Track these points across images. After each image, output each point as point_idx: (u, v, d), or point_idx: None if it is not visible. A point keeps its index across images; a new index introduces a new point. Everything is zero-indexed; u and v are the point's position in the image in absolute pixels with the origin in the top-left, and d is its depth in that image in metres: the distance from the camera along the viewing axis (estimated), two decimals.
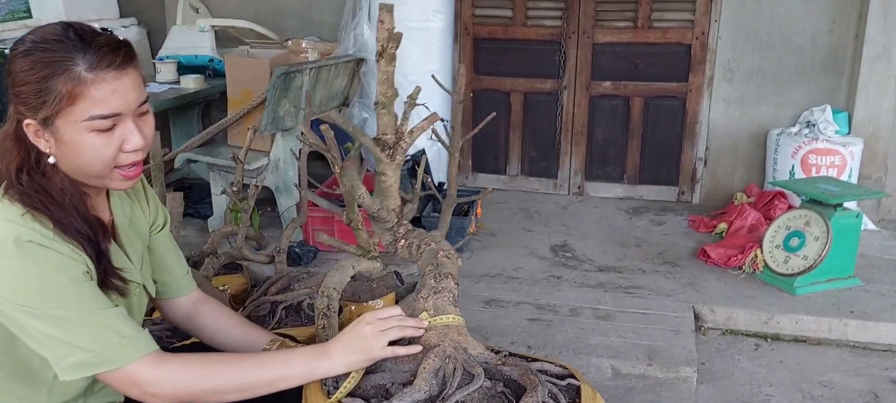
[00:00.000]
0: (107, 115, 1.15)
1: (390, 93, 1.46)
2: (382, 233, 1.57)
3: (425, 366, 1.26)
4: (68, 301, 1.14)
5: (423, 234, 1.53)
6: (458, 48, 4.41)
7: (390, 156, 1.48)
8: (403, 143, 1.50)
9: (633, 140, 4.39)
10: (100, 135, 1.15)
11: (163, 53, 4.40)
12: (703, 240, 3.65)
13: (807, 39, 4.01)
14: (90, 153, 1.16)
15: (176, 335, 2.35)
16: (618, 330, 2.76)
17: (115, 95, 1.14)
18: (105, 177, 1.21)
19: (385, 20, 1.39)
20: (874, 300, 3.01)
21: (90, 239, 1.20)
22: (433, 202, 3.62)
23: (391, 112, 1.49)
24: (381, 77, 1.44)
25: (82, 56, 1.12)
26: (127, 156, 1.20)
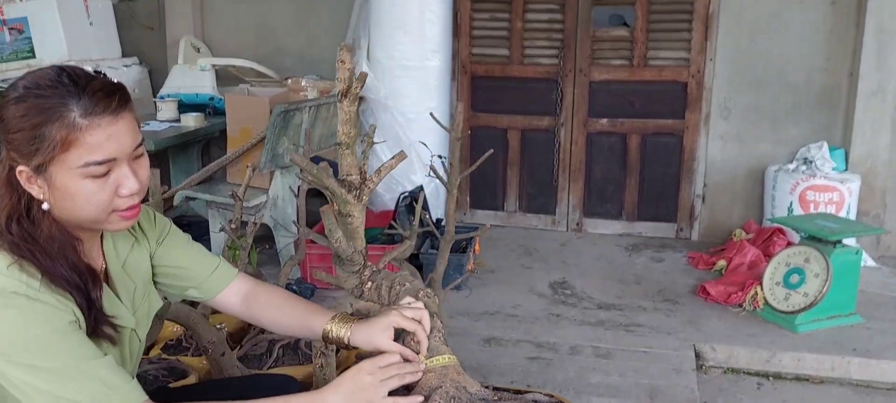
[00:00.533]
0: (102, 161, 1.13)
1: (353, 134, 1.43)
2: (347, 277, 1.53)
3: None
4: (54, 352, 1.11)
5: (390, 275, 1.51)
6: (455, 86, 4.45)
7: (357, 197, 1.46)
8: (369, 183, 1.48)
9: (630, 177, 4.41)
10: (94, 180, 1.13)
11: (164, 92, 4.43)
12: (703, 277, 3.64)
13: (802, 77, 4.04)
14: (85, 199, 1.14)
15: (172, 374, 2.33)
16: (618, 368, 2.74)
17: (110, 141, 1.13)
18: (102, 221, 1.19)
19: (345, 60, 1.38)
20: (876, 337, 2.99)
21: (79, 288, 1.17)
22: (431, 239, 3.62)
23: (354, 152, 1.46)
24: (343, 116, 1.41)
25: (76, 101, 1.10)
26: (123, 201, 1.18)
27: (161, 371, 2.34)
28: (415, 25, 3.94)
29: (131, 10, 4.86)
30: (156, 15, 4.90)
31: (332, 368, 1.96)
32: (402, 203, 3.70)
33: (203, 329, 2.18)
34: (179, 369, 2.36)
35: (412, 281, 1.47)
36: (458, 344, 2.87)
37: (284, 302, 1.50)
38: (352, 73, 1.41)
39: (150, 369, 2.33)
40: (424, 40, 3.97)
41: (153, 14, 4.91)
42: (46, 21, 4.16)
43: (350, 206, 1.46)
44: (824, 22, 3.96)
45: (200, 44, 4.78)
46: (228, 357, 2.19)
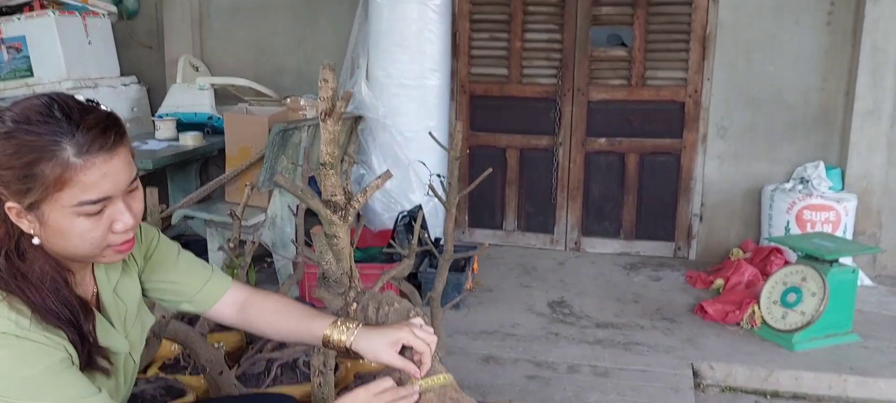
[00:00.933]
0: (97, 200, 1.09)
1: (337, 154, 1.41)
2: (332, 299, 1.51)
3: None
4: (46, 393, 1.08)
5: (377, 295, 1.49)
6: (454, 105, 4.47)
7: (342, 218, 1.43)
8: (354, 204, 1.45)
9: (628, 196, 4.42)
10: (88, 218, 1.10)
11: (162, 111, 4.45)
12: (701, 296, 3.64)
13: (798, 97, 4.07)
14: (79, 237, 1.11)
15: (170, 394, 2.33)
16: (617, 387, 2.73)
17: (105, 179, 1.09)
18: (95, 256, 1.16)
19: (328, 79, 1.38)
20: (873, 356, 2.99)
21: (72, 323, 1.14)
22: (430, 258, 3.62)
23: (338, 172, 1.44)
24: (326, 137, 1.38)
25: (70, 139, 1.05)
26: (118, 236, 1.15)
27: (159, 390, 2.33)
28: (414, 44, 3.97)
29: (130, 29, 4.89)
30: (155, 34, 4.92)
31: (331, 387, 1.96)
32: (400, 222, 3.71)
33: (201, 347, 2.18)
34: (177, 388, 2.36)
35: (401, 302, 1.46)
36: (456, 363, 2.88)
37: (283, 308, 1.47)
38: (335, 93, 1.40)
39: (147, 388, 2.32)
40: (423, 59, 4.00)
41: (152, 33, 4.93)
42: (45, 40, 4.17)
43: (335, 227, 1.44)
44: (820, 42, 4.00)
45: (199, 63, 4.80)
46: (226, 375, 2.19)
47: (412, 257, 2.50)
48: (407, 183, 4.04)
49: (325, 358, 1.96)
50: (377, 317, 1.45)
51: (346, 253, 1.50)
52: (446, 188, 2.36)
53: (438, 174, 3.88)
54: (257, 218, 3.51)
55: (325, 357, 1.96)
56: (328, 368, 1.95)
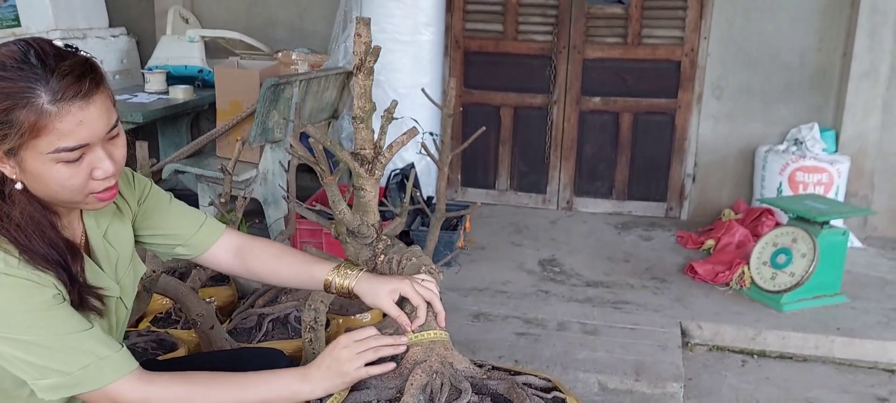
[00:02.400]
0: (73, 147, 1.08)
1: (368, 108, 1.44)
2: (361, 249, 1.55)
3: (412, 382, 1.25)
4: (36, 328, 1.10)
5: (404, 249, 1.52)
6: (448, 62, 4.42)
7: (369, 171, 1.47)
8: (382, 158, 1.48)
9: (621, 155, 4.41)
10: (67, 165, 1.10)
11: (152, 63, 4.39)
12: (691, 256, 3.66)
13: (795, 57, 4.04)
14: (58, 183, 1.11)
15: (161, 347, 2.33)
16: (605, 345, 2.76)
17: (81, 127, 1.08)
18: (78, 202, 1.17)
19: (362, 34, 1.38)
20: (860, 317, 3.03)
21: (60, 263, 1.15)
22: (422, 216, 3.62)
23: (369, 126, 1.47)
24: (358, 91, 1.42)
25: (45, 86, 1.05)
26: (99, 183, 1.15)
27: (150, 343, 2.34)
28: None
29: None
30: None
31: (322, 342, 1.97)
32: (392, 180, 3.69)
33: (192, 302, 2.18)
34: (168, 342, 2.37)
35: (420, 256, 1.48)
36: (447, 320, 2.88)
37: (282, 252, 1.49)
38: (368, 47, 1.41)
39: (138, 341, 2.33)
40: (417, 13, 3.94)
41: None
42: None
43: (363, 180, 1.48)
44: (819, 2, 3.95)
45: (189, 14, 4.72)
46: (217, 330, 2.20)
47: (404, 215, 2.50)
48: None
49: (317, 314, 1.97)
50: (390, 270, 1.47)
51: (372, 206, 1.52)
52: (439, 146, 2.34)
53: (431, 132, 3.86)
54: (249, 174, 3.49)
55: (316, 313, 1.97)
56: (319, 324, 1.96)
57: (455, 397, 1.26)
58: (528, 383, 1.36)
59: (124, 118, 3.65)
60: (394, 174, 3.70)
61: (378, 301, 1.33)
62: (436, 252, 2.51)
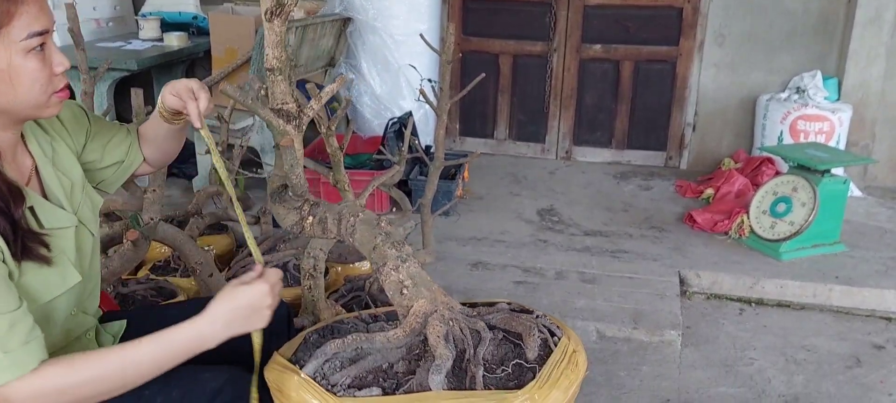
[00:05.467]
0: (41, 32, 1.12)
1: (283, 57, 1.32)
2: (287, 213, 1.46)
3: (436, 334, 1.23)
4: None
5: (335, 206, 1.42)
6: (446, 8, 4.35)
7: (297, 127, 1.35)
8: (307, 111, 1.36)
9: (621, 104, 4.37)
10: (36, 56, 1.12)
11: (146, 10, 4.31)
12: (690, 206, 3.65)
13: (798, 4, 3.97)
14: (31, 77, 1.12)
15: (161, 295, 2.34)
16: (603, 293, 2.77)
17: (42, 12, 1.12)
18: (43, 105, 1.17)
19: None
20: (858, 266, 3.03)
21: (2, 211, 1.11)
22: (420, 165, 3.59)
23: (286, 77, 1.34)
24: (273, 39, 1.29)
25: None
26: (59, 79, 1.17)
27: (149, 291, 2.34)
28: None
29: None
30: None
31: (321, 289, 1.97)
32: (390, 129, 3.66)
33: (191, 250, 2.17)
34: (168, 289, 2.37)
35: (365, 212, 1.39)
36: (446, 269, 2.90)
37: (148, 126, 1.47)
38: None
39: (138, 289, 2.33)
40: None
41: None
42: None
43: (289, 137, 1.37)
44: None
45: None
46: (216, 278, 2.19)
47: (402, 164, 2.47)
48: (397, 89, 3.96)
49: (315, 262, 1.96)
50: (340, 229, 1.40)
51: (300, 164, 1.43)
52: (437, 93, 2.31)
53: (430, 79, 3.81)
54: (245, 122, 3.45)
55: (314, 260, 1.96)
56: (318, 271, 1.95)
57: (477, 339, 1.26)
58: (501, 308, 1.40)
59: (118, 65, 3.59)
60: (392, 122, 3.67)
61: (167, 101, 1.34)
62: (434, 201, 2.49)
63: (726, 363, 2.51)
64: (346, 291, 2.39)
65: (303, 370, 1.25)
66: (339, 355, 1.28)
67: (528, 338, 1.28)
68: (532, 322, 1.33)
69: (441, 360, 1.18)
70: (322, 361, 1.27)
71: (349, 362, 1.27)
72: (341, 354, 1.28)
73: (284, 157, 1.40)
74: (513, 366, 1.25)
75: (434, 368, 1.17)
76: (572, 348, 1.29)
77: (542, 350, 1.28)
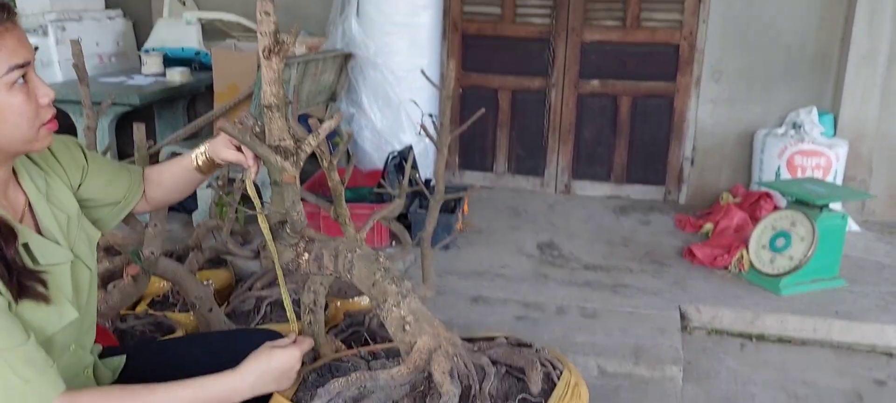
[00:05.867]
0: (23, 64, 1.11)
1: (281, 94, 1.33)
2: (283, 251, 1.46)
3: (441, 370, 1.23)
4: None
5: (331, 242, 1.43)
6: (446, 44, 4.40)
7: (294, 163, 1.35)
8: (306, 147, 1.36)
9: (620, 139, 4.40)
10: (20, 91, 1.12)
11: (148, 45, 4.35)
12: (690, 240, 3.66)
13: (794, 40, 4.03)
14: (18, 113, 1.12)
15: (159, 330, 2.33)
16: (604, 328, 2.76)
17: (21, 45, 1.12)
18: (32, 139, 1.16)
19: (269, 11, 1.30)
20: (858, 301, 3.03)
21: None
22: (420, 198, 3.60)
23: (284, 114, 1.35)
24: (270, 76, 1.30)
25: None
26: (45, 111, 1.17)
27: (148, 326, 2.33)
28: None
29: None
30: None
31: (321, 324, 1.96)
32: (391, 162, 3.67)
33: (190, 284, 2.17)
34: (166, 324, 2.36)
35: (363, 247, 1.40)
36: (445, 303, 2.89)
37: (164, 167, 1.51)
38: (277, 28, 1.32)
39: (136, 324, 2.32)
40: None
41: None
42: None
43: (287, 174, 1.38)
44: None
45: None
46: (216, 313, 2.19)
47: (403, 197, 2.48)
48: (397, 123, 3.99)
49: (316, 297, 1.96)
50: (336, 266, 1.40)
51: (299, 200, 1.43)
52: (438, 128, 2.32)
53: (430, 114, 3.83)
54: None
55: (315, 295, 1.96)
56: (318, 306, 1.95)
57: (482, 375, 1.27)
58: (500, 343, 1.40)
59: (121, 100, 3.62)
60: (392, 156, 3.69)
61: (219, 153, 1.40)
62: (434, 234, 2.50)
63: (727, 398, 2.50)
64: (345, 326, 2.38)
65: None
66: (342, 394, 1.27)
67: (531, 372, 1.28)
68: (533, 356, 1.34)
69: (448, 397, 1.18)
70: (326, 400, 1.26)
71: (352, 401, 1.26)
72: (345, 393, 1.27)
73: (285, 194, 1.41)
74: (519, 401, 1.25)
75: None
76: (574, 380, 1.29)
77: (546, 383, 1.28)
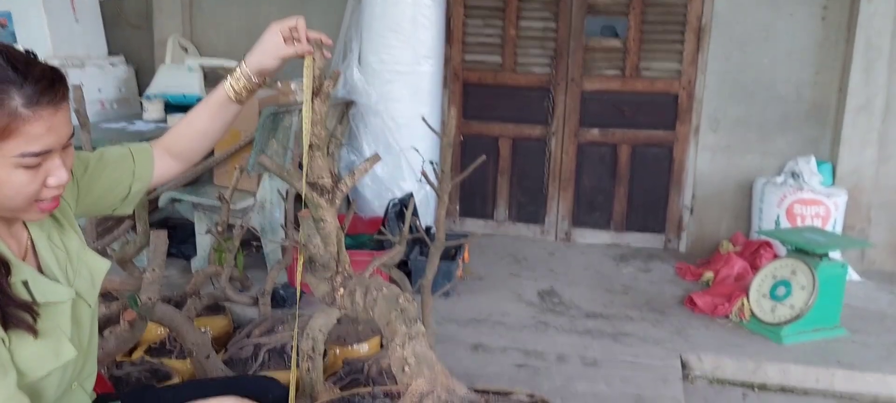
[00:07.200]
0: (39, 153, 1.08)
1: (323, 135, 1.41)
2: (319, 283, 1.50)
3: None
4: None
5: (365, 280, 1.47)
6: (447, 93, 4.44)
7: (329, 201, 1.43)
8: (342, 186, 1.44)
9: (620, 187, 4.41)
10: (27, 171, 1.09)
11: (150, 92, 4.39)
12: (690, 288, 3.64)
13: (791, 90, 4.07)
14: (14, 189, 1.09)
15: (155, 377, 2.30)
16: (605, 377, 2.73)
17: (49, 133, 1.08)
18: (20, 211, 1.14)
19: (316, 57, 1.37)
20: (860, 350, 3.00)
21: None
22: (421, 246, 3.60)
23: (325, 154, 1.43)
24: (314, 117, 1.37)
25: (18, 89, 1.04)
26: (50, 191, 1.14)
27: (144, 372, 2.31)
28: (407, 29, 3.93)
29: (119, 7, 4.81)
30: (144, 14, 4.86)
31: (320, 372, 1.94)
32: (391, 209, 3.68)
33: (187, 331, 2.15)
34: (162, 372, 2.34)
35: (389, 287, 1.44)
36: (445, 351, 2.86)
37: (192, 117, 1.46)
38: (322, 72, 1.39)
39: (132, 371, 2.30)
40: (417, 45, 3.96)
41: (141, 13, 4.87)
42: (31, 16, 4.10)
43: (322, 211, 1.43)
44: (814, 36, 3.99)
45: (188, 44, 4.74)
46: (213, 359, 2.17)
47: (403, 244, 2.48)
48: (398, 170, 4.01)
49: (314, 343, 1.94)
50: (365, 302, 1.43)
51: (333, 237, 1.48)
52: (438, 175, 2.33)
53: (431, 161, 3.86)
54: (246, 202, 3.47)
55: (314, 342, 1.94)
56: (317, 353, 1.93)
57: None
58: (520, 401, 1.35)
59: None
60: (392, 203, 3.70)
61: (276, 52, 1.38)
62: (434, 281, 2.49)
63: None
64: (344, 374, 2.36)
65: None
66: None
67: None
68: None
69: None
70: None
71: None
72: None
73: (302, 228, 1.44)
74: None
75: None
76: None
77: None
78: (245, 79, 1.40)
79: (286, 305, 3.15)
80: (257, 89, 1.43)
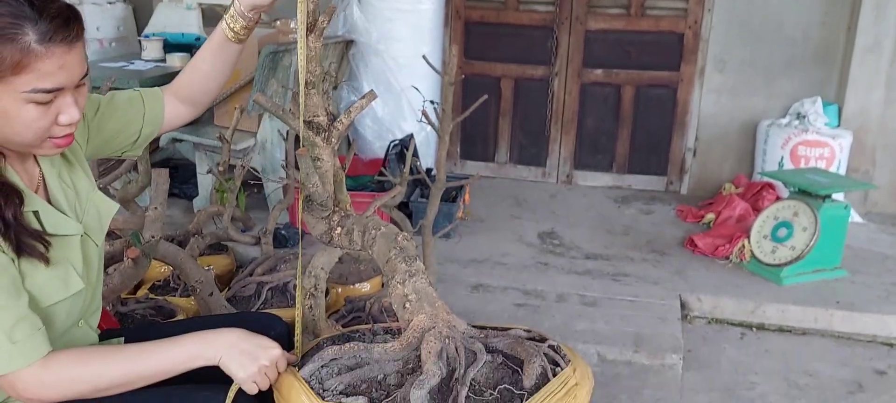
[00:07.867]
0: (50, 89, 1.09)
1: (318, 72, 1.38)
2: (316, 223, 1.49)
3: (429, 349, 1.23)
4: None
5: (362, 219, 1.46)
6: (448, 32, 4.38)
7: (325, 140, 1.41)
8: (338, 124, 1.42)
9: (622, 129, 4.38)
10: (38, 107, 1.10)
11: (149, 31, 4.33)
12: (691, 230, 3.65)
13: (799, 31, 4.00)
14: (24, 124, 1.10)
15: (160, 314, 2.33)
16: (604, 316, 2.76)
17: (61, 70, 1.09)
18: (33, 146, 1.16)
19: None
20: (860, 291, 3.02)
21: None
22: (421, 187, 3.60)
23: (320, 92, 1.41)
24: (308, 54, 1.35)
25: (33, 26, 1.05)
26: (61, 129, 1.15)
27: (148, 310, 2.33)
28: None
29: None
30: None
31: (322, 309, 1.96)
32: (392, 151, 3.66)
33: (191, 269, 2.17)
34: (167, 309, 2.36)
35: (387, 226, 1.44)
36: (446, 290, 2.89)
37: (198, 60, 1.46)
38: (317, 7, 1.36)
39: (137, 308, 2.32)
40: None
41: None
42: None
43: (318, 149, 1.42)
44: None
45: None
46: (216, 297, 2.19)
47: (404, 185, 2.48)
48: (399, 111, 3.98)
49: (317, 282, 1.96)
50: (363, 241, 1.43)
51: (330, 176, 1.47)
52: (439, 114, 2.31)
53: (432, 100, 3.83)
54: (247, 143, 3.46)
55: (316, 280, 1.95)
56: (319, 291, 1.95)
57: (472, 360, 1.25)
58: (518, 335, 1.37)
59: (121, 86, 3.59)
60: (393, 144, 3.68)
61: None
62: (435, 223, 2.49)
63: (728, 387, 2.49)
64: (346, 312, 2.38)
65: (300, 371, 1.27)
66: (337, 361, 1.29)
67: (528, 366, 1.25)
68: (535, 349, 1.29)
69: (427, 376, 1.18)
70: (319, 365, 1.29)
71: (347, 369, 1.28)
72: (340, 360, 1.29)
73: (300, 167, 1.43)
74: (502, 391, 1.23)
75: (418, 383, 1.17)
76: (574, 381, 1.24)
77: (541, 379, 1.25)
78: (240, 17, 1.37)
79: (288, 244, 3.16)
80: (254, 27, 1.41)
